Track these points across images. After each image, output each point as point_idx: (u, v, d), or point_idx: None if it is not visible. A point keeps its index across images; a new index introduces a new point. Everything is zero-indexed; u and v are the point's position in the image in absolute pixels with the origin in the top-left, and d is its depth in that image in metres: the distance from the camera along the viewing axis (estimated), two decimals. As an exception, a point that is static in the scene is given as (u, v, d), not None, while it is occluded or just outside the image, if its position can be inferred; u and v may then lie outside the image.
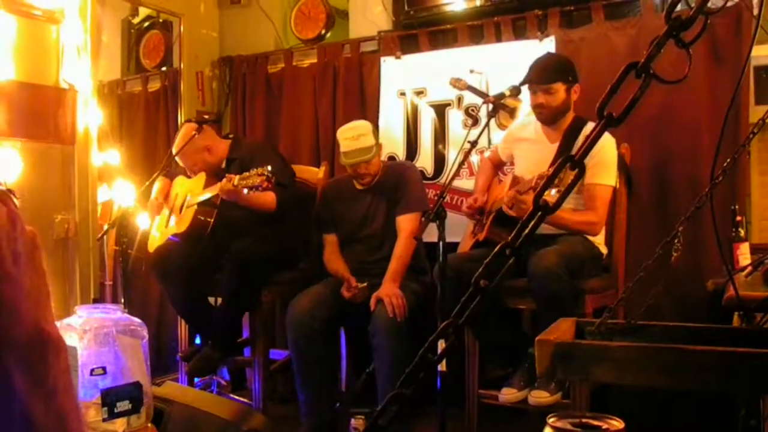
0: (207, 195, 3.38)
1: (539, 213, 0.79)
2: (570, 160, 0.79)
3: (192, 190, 3.54)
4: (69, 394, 1.00)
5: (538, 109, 3.06)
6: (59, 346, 0.99)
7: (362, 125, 3.39)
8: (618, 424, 0.98)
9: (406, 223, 3.32)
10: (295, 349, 3.23)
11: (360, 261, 3.41)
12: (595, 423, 0.98)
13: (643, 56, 0.80)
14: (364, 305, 3.19)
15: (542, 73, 3.01)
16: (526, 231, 0.79)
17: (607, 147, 2.95)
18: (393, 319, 3.05)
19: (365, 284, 3.23)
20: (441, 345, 0.96)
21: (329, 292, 3.29)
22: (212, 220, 3.40)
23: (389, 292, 3.11)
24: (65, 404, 0.97)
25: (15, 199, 0.97)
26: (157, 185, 3.71)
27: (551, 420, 0.99)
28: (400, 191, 3.39)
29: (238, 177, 3.12)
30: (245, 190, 3.10)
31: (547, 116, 3.06)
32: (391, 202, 3.40)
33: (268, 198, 3.33)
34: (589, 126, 2.97)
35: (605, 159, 2.94)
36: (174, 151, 3.47)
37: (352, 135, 3.34)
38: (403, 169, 3.53)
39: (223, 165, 3.52)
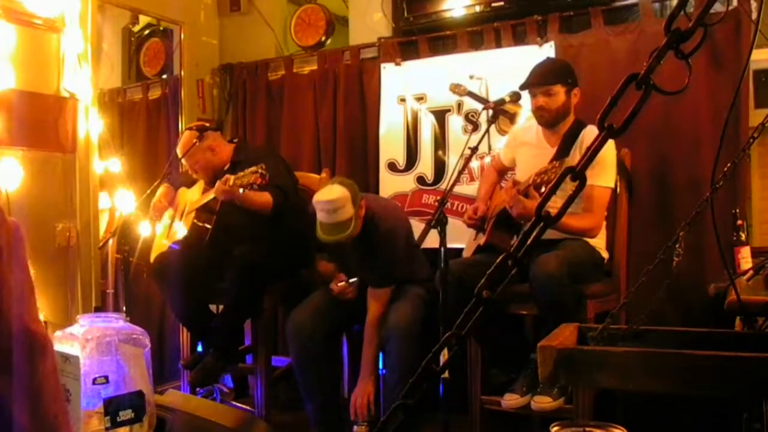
0: (205, 200, 3.39)
1: (541, 223, 0.79)
2: (571, 172, 0.79)
3: (191, 199, 3.56)
4: (56, 397, 0.94)
5: (538, 112, 3.07)
6: (45, 347, 0.93)
7: (339, 198, 2.98)
8: (621, 432, 0.98)
9: (376, 295, 3.19)
10: (298, 362, 3.23)
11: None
12: (598, 431, 0.98)
13: (644, 67, 0.81)
14: (365, 310, 3.19)
15: (541, 76, 3.03)
16: (529, 242, 0.79)
17: (605, 148, 2.93)
18: (406, 326, 3.05)
19: (355, 279, 3.22)
20: (445, 353, 0.96)
21: (328, 300, 3.28)
22: (211, 226, 3.40)
23: (360, 392, 3.14)
24: (53, 407, 0.92)
25: None
26: (160, 191, 3.72)
27: (554, 429, 0.99)
28: (373, 259, 3.18)
29: (233, 177, 3.15)
30: (241, 189, 3.12)
31: (548, 119, 3.06)
32: (367, 260, 3.21)
33: (264, 198, 3.34)
34: (588, 129, 2.98)
35: (603, 160, 2.94)
36: (179, 153, 3.49)
37: (328, 208, 2.98)
38: (382, 233, 3.17)
39: (226, 167, 3.53)
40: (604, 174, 2.95)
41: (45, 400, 0.91)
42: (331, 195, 3.00)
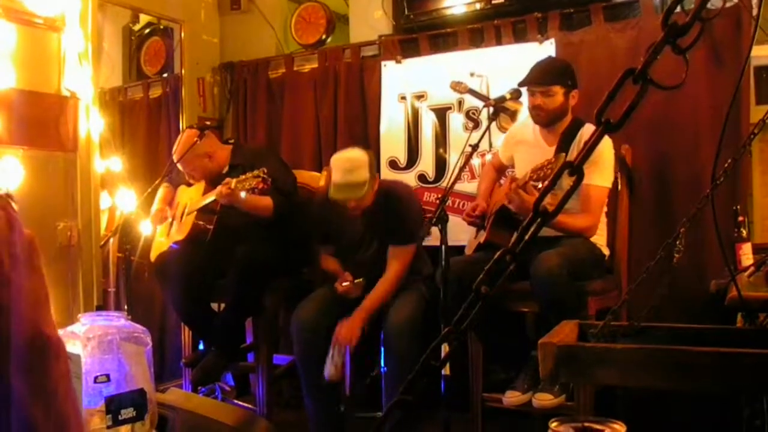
0: (206, 201, 3.39)
1: (538, 219, 0.79)
2: (568, 167, 0.79)
3: (192, 198, 3.55)
4: (69, 398, 0.98)
5: (535, 110, 3.06)
6: (59, 350, 0.97)
7: (358, 157, 3.13)
8: (620, 428, 0.98)
9: (399, 253, 3.22)
10: (301, 358, 3.24)
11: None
12: (597, 427, 0.98)
13: (641, 62, 0.81)
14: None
15: (541, 75, 3.02)
16: (527, 237, 0.79)
17: (603, 147, 2.92)
18: (407, 323, 3.05)
19: (360, 279, 3.22)
20: (445, 350, 0.96)
21: (332, 297, 3.28)
22: (212, 227, 3.41)
23: (350, 324, 3.11)
24: (65, 409, 0.96)
25: (13, 204, 0.96)
26: (160, 193, 3.72)
27: (553, 425, 0.99)
28: (395, 221, 3.23)
29: (235, 180, 3.15)
30: (243, 194, 3.12)
31: (544, 118, 3.06)
32: (385, 228, 3.26)
33: (265, 203, 3.34)
34: (587, 127, 2.97)
35: (600, 160, 2.93)
36: (175, 157, 3.48)
37: (346, 166, 3.10)
38: (399, 195, 3.30)
39: (225, 171, 3.52)
40: (601, 173, 2.94)
41: (59, 401, 0.95)
42: (350, 154, 3.17)
